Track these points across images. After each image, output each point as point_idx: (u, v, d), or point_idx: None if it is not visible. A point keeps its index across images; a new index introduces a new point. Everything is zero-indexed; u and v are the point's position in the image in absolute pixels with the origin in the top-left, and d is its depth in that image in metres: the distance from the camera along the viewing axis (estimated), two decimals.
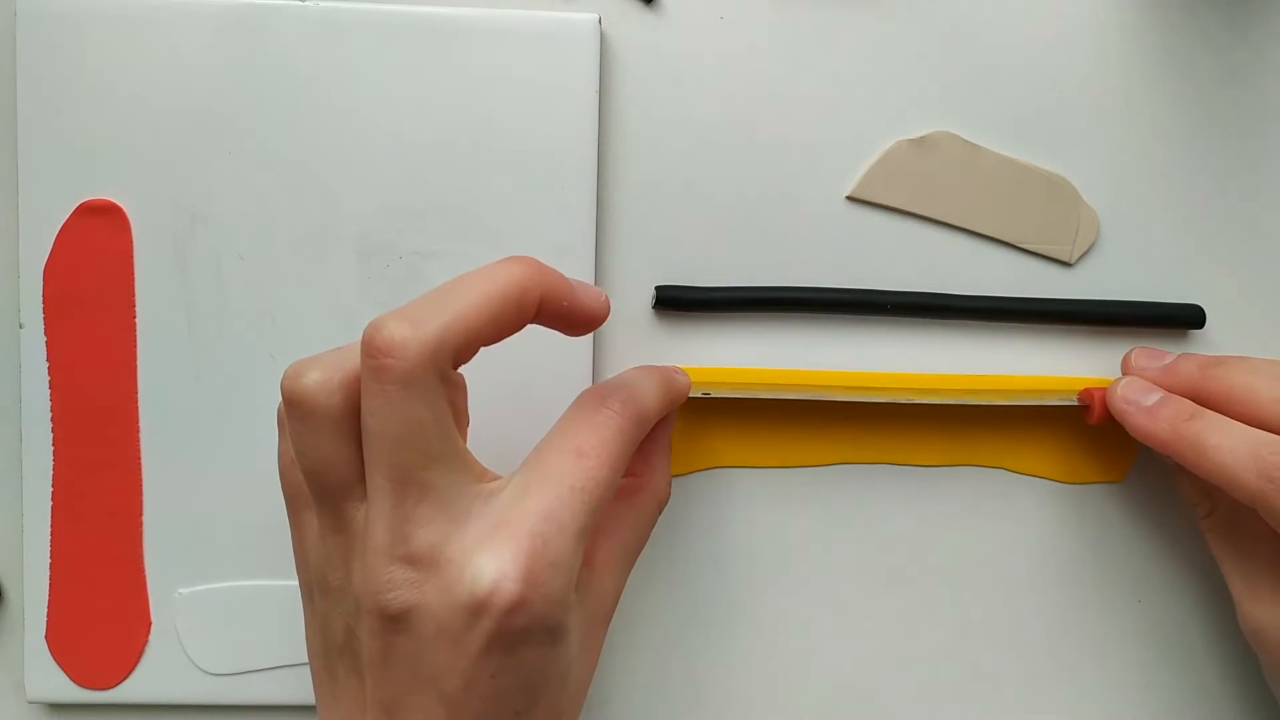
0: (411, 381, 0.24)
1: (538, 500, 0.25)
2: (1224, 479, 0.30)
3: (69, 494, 0.35)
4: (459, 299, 0.25)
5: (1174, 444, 0.31)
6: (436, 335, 0.24)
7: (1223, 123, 0.36)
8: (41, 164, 0.34)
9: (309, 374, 0.25)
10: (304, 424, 0.26)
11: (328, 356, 0.26)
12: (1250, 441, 0.30)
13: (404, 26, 0.34)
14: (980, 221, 0.36)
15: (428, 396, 0.24)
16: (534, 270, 0.27)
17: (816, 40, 0.35)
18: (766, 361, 0.36)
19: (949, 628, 0.37)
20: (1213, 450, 0.30)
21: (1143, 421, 0.32)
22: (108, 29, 0.34)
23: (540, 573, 0.24)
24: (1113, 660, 0.37)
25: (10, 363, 0.35)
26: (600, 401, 0.28)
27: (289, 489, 0.28)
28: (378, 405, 0.24)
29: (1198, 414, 0.32)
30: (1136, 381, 0.33)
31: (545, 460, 0.26)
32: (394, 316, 0.25)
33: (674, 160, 0.35)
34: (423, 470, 0.24)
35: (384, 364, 0.24)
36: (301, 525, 0.28)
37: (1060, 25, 0.36)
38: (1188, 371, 0.33)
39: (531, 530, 0.25)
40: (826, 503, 0.37)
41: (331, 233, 0.34)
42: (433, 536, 0.25)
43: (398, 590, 0.24)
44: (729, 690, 0.37)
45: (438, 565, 0.24)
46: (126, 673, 0.35)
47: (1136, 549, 0.37)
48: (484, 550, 0.24)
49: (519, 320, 0.27)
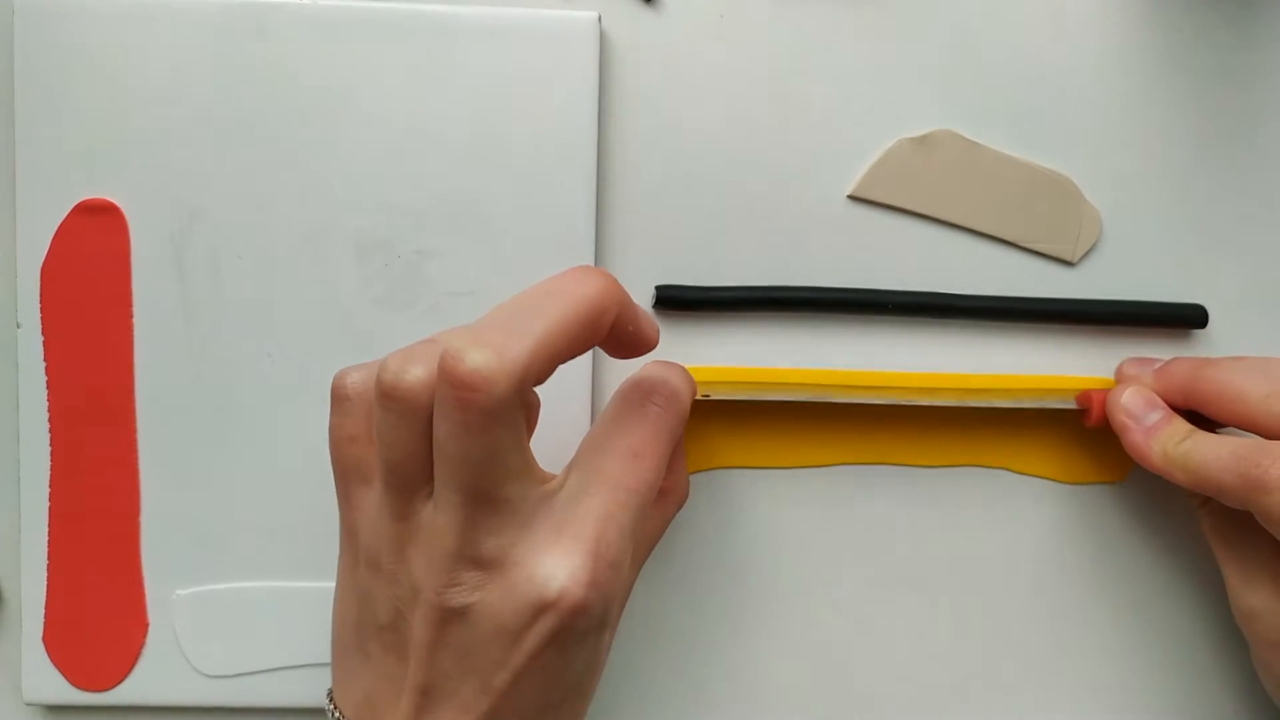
0: (496, 414, 0.24)
1: (598, 502, 0.26)
2: (1213, 490, 0.31)
3: (66, 495, 0.34)
4: (541, 319, 0.25)
5: (1166, 468, 0.32)
6: (523, 364, 0.24)
7: (1225, 121, 0.36)
8: (39, 163, 0.34)
9: (412, 371, 0.25)
10: (398, 417, 0.25)
11: (423, 352, 0.25)
12: (1231, 448, 0.31)
13: (404, 26, 0.34)
14: (982, 221, 0.36)
15: (510, 423, 0.24)
16: (612, 287, 0.26)
17: (817, 40, 0.35)
18: (766, 361, 0.36)
19: (950, 627, 0.37)
20: (1199, 467, 0.31)
21: (1138, 441, 0.33)
22: (105, 28, 0.34)
23: (602, 574, 0.25)
24: (1113, 660, 0.37)
25: (7, 362, 0.35)
26: (647, 397, 0.28)
27: (345, 463, 0.28)
28: (458, 432, 0.24)
29: (1189, 435, 0.32)
30: (1141, 394, 0.34)
31: (601, 461, 0.27)
32: (475, 343, 0.24)
33: (674, 160, 0.35)
34: (497, 488, 0.25)
35: (468, 398, 0.23)
36: (355, 499, 0.28)
37: (1062, 24, 0.36)
38: (1180, 373, 0.34)
39: (595, 534, 0.25)
40: (827, 503, 0.36)
41: (330, 231, 0.34)
42: (502, 540, 0.25)
43: (462, 587, 0.25)
44: (730, 690, 0.37)
45: (504, 566, 0.25)
46: (124, 674, 0.35)
47: (1137, 549, 0.37)
48: (552, 553, 0.25)
49: (596, 339, 0.26)
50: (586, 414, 0.35)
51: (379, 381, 0.25)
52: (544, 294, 0.26)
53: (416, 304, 0.34)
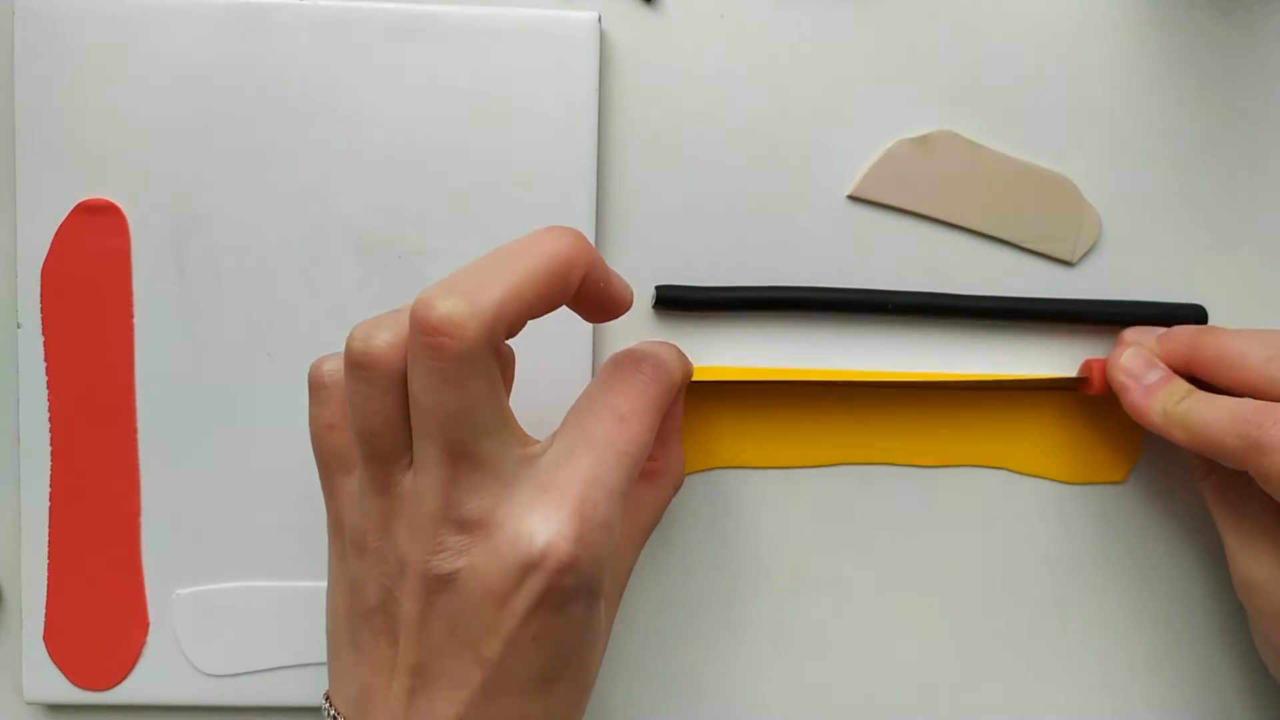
0: (469, 359, 0.24)
1: (584, 463, 0.26)
2: (1212, 450, 0.31)
3: (66, 494, 0.34)
4: (510, 271, 0.25)
5: (1163, 427, 0.32)
6: (493, 312, 0.24)
7: (1225, 121, 0.36)
8: (39, 163, 0.34)
9: (380, 334, 0.25)
10: (370, 385, 0.25)
11: (390, 319, 0.26)
12: (1231, 408, 0.31)
13: (403, 26, 0.34)
14: (981, 221, 0.36)
15: (484, 372, 0.24)
16: (581, 243, 0.26)
17: (817, 40, 0.35)
18: (767, 361, 0.36)
19: (950, 628, 0.37)
20: (1197, 425, 0.31)
21: (1138, 400, 0.33)
22: (105, 28, 0.34)
23: (589, 534, 0.25)
24: (1114, 660, 0.37)
25: (8, 362, 0.35)
26: (634, 366, 0.28)
27: (325, 453, 0.28)
28: (432, 382, 0.24)
29: (1188, 395, 0.32)
30: (1140, 354, 0.34)
31: (587, 423, 0.27)
32: (445, 292, 0.24)
33: (674, 159, 0.35)
34: (475, 443, 0.24)
35: (439, 343, 0.23)
36: (337, 489, 0.28)
37: (1062, 24, 0.36)
38: (1180, 338, 0.34)
39: (581, 493, 0.25)
40: (826, 503, 0.36)
41: (330, 232, 0.34)
42: (484, 501, 0.25)
43: (447, 553, 0.25)
44: (729, 689, 0.37)
45: (488, 528, 0.25)
46: (124, 674, 0.35)
47: (1138, 549, 0.37)
48: (535, 512, 0.25)
49: (565, 295, 0.26)
50: None
51: (347, 352, 0.25)
52: (513, 249, 0.26)
53: None
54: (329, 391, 0.27)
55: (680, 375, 0.30)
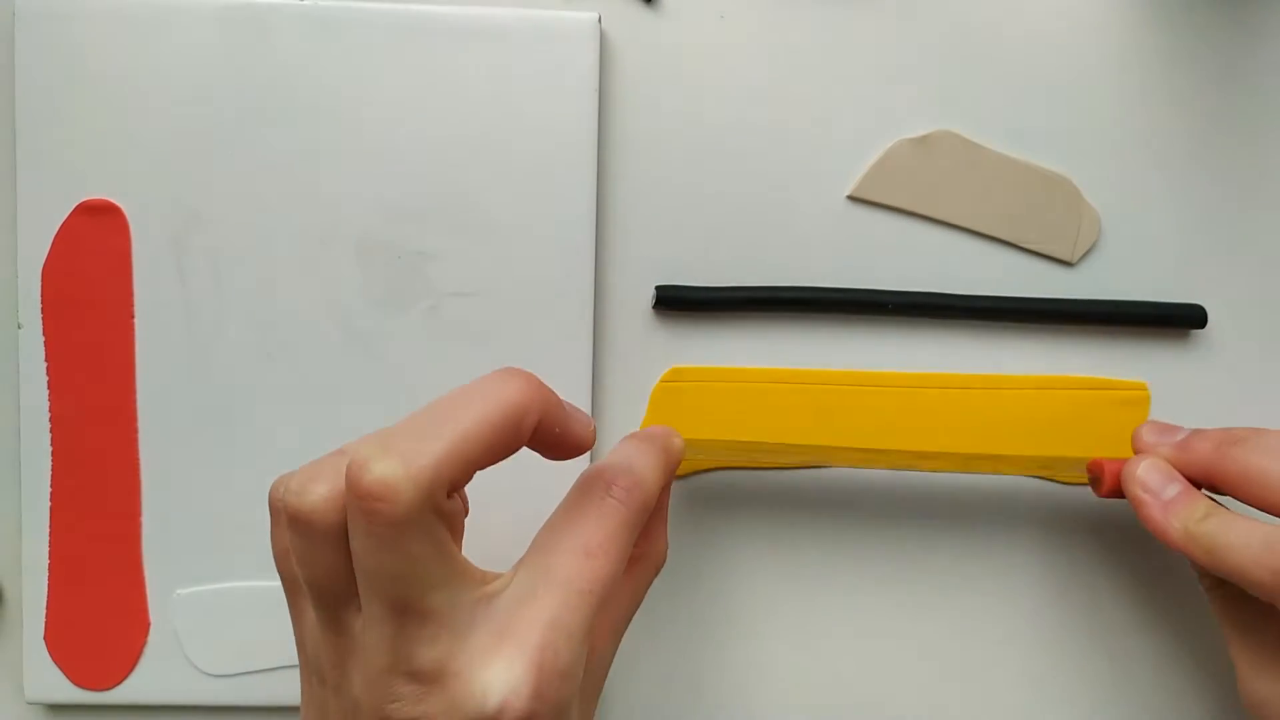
0: (406, 524, 0.23)
1: (545, 606, 0.24)
2: (1238, 579, 0.29)
3: (67, 494, 0.34)
4: (453, 425, 0.24)
5: (1185, 546, 0.31)
6: (430, 473, 0.23)
7: (1224, 122, 0.36)
8: (40, 164, 0.34)
9: (313, 489, 0.24)
10: (307, 540, 0.24)
11: (328, 467, 0.25)
12: (1262, 537, 0.29)
13: (404, 26, 0.34)
14: (981, 221, 0.36)
15: (424, 533, 0.23)
16: (532, 390, 0.25)
17: (816, 40, 0.35)
18: (766, 361, 0.36)
19: (949, 629, 0.37)
20: (1223, 550, 0.29)
21: (1157, 516, 0.31)
22: (106, 29, 0.34)
23: (549, 685, 0.24)
24: (1114, 660, 0.37)
25: (8, 363, 0.35)
26: (605, 490, 0.27)
27: (285, 576, 0.27)
28: (370, 545, 0.23)
29: (1212, 513, 0.31)
30: (1157, 468, 0.32)
31: (551, 560, 0.25)
32: (380, 451, 0.23)
33: (674, 160, 0.35)
34: (421, 598, 0.23)
35: (374, 508, 0.23)
36: (299, 611, 0.27)
37: (1062, 24, 0.36)
38: (1202, 450, 0.32)
39: (540, 641, 0.24)
40: (827, 505, 0.37)
41: (331, 232, 0.34)
42: (436, 652, 0.24)
43: (401, 703, 0.24)
44: (729, 690, 0.37)
45: (443, 679, 0.24)
46: (125, 674, 0.35)
47: (1140, 552, 0.37)
48: (491, 664, 0.23)
49: (516, 443, 0.25)
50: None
51: (284, 504, 0.25)
52: (459, 398, 0.25)
53: (417, 305, 0.34)
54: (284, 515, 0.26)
55: (659, 479, 0.29)
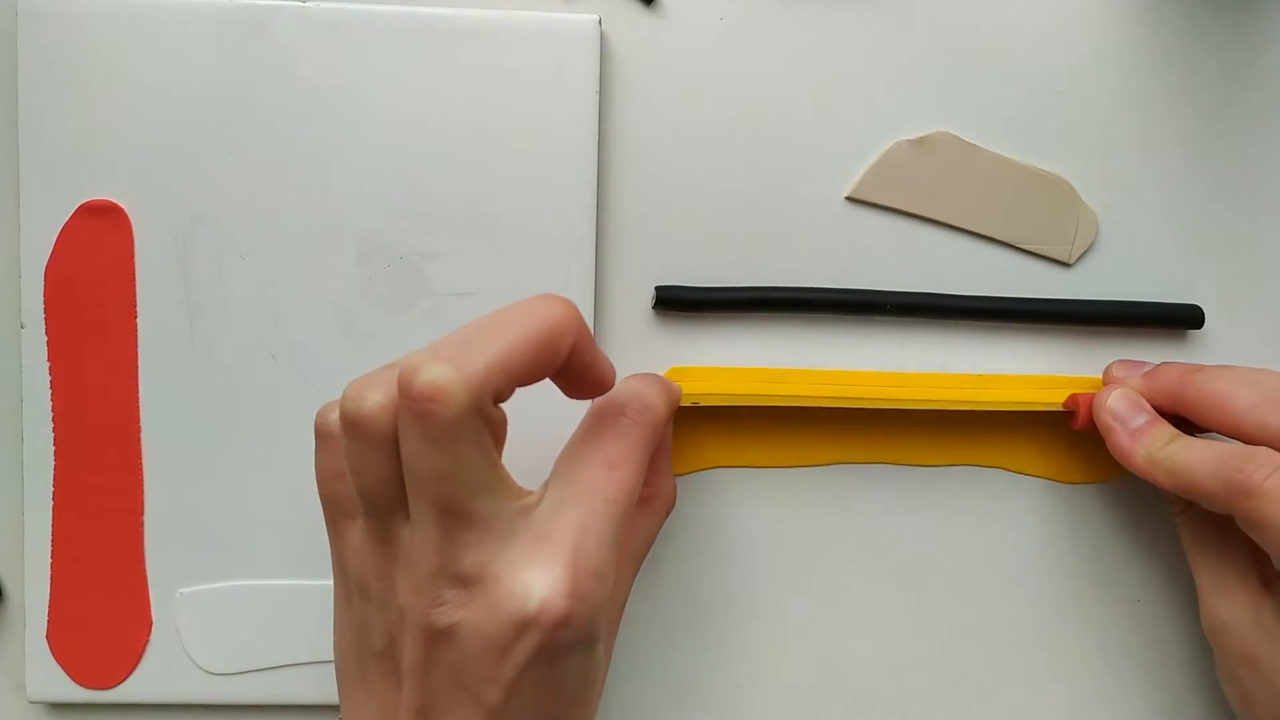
0: (457, 427, 0.24)
1: (575, 514, 0.26)
2: (1195, 494, 0.31)
3: (70, 493, 0.35)
4: (499, 337, 0.25)
5: (1149, 469, 0.33)
6: (480, 378, 0.24)
7: (1222, 123, 0.36)
8: (42, 164, 0.34)
9: (370, 396, 0.25)
10: (364, 444, 0.25)
11: (382, 378, 0.26)
12: (1216, 452, 0.31)
13: (404, 27, 0.34)
14: (979, 222, 0.36)
15: (473, 436, 0.24)
16: (572, 313, 0.27)
17: (816, 40, 0.36)
18: (766, 361, 0.36)
19: (948, 627, 0.37)
20: (1182, 470, 0.31)
21: (1124, 443, 0.33)
22: (108, 29, 0.34)
23: (584, 585, 0.25)
24: (1112, 659, 0.38)
25: (12, 363, 0.35)
26: (619, 411, 0.29)
27: (329, 499, 0.28)
28: (422, 446, 0.24)
29: (1174, 439, 0.33)
30: (1127, 396, 0.34)
31: (577, 473, 0.27)
32: (432, 358, 0.24)
33: (674, 160, 0.36)
34: (468, 501, 0.25)
35: (427, 409, 0.24)
36: (342, 532, 0.28)
37: (1060, 25, 0.36)
38: (1168, 377, 0.34)
39: (574, 544, 0.25)
40: (826, 503, 0.37)
41: (332, 232, 0.34)
42: (480, 556, 0.25)
43: (445, 606, 0.25)
44: (730, 690, 0.37)
45: (485, 582, 0.25)
46: (127, 672, 0.35)
47: (1135, 548, 0.37)
48: (530, 566, 0.25)
49: (554, 363, 0.26)
50: None
51: (341, 412, 0.26)
52: (503, 315, 0.26)
53: (418, 305, 0.35)
54: (333, 440, 0.27)
55: (665, 409, 0.30)
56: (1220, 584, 0.33)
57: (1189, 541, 0.35)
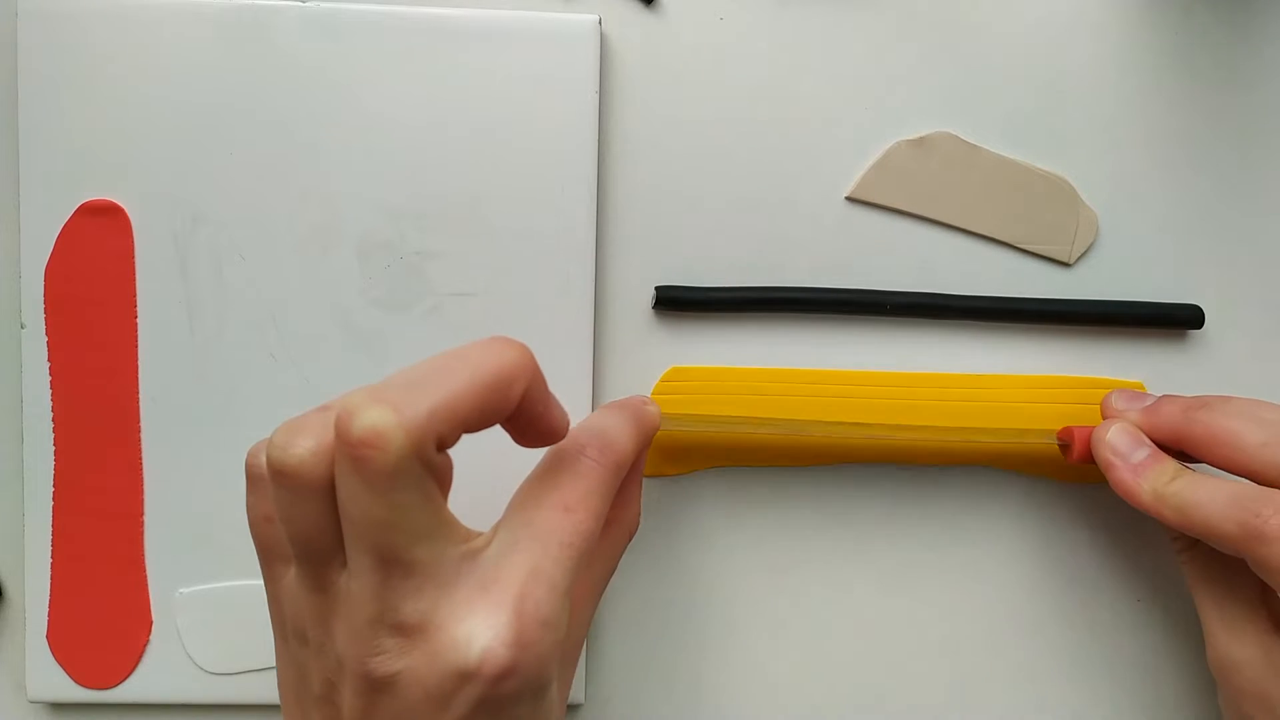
0: (395, 473, 0.23)
1: (525, 557, 0.25)
2: (1206, 534, 0.30)
3: (70, 494, 0.35)
4: (446, 381, 0.24)
5: (1155, 506, 0.32)
6: (422, 423, 0.23)
7: (1222, 123, 0.36)
8: (42, 164, 0.34)
9: (298, 443, 0.24)
10: (292, 494, 0.24)
11: (313, 422, 0.24)
12: (1229, 493, 0.30)
13: (404, 27, 0.34)
14: (979, 222, 0.36)
15: (413, 483, 0.23)
16: (525, 359, 0.25)
17: (816, 40, 0.36)
18: (766, 361, 0.36)
19: (948, 627, 0.37)
20: (1191, 508, 0.30)
21: (1127, 479, 0.32)
22: (108, 29, 0.34)
23: (530, 634, 0.24)
24: (1112, 659, 0.38)
25: (12, 363, 0.35)
26: (579, 451, 0.28)
27: (261, 542, 0.27)
28: (358, 492, 0.23)
29: (1180, 474, 0.32)
30: (1126, 431, 0.33)
31: (531, 516, 0.26)
32: (371, 399, 0.23)
33: (674, 160, 0.36)
34: (407, 549, 0.24)
35: (364, 455, 0.22)
36: (276, 576, 0.27)
37: (1060, 26, 0.36)
38: (1170, 414, 0.33)
39: (521, 592, 0.24)
40: (826, 503, 0.37)
41: (332, 233, 0.34)
42: (420, 605, 0.24)
43: (384, 655, 0.24)
44: (729, 690, 0.37)
45: (426, 632, 0.24)
46: (127, 672, 0.35)
47: (1135, 548, 0.37)
48: (474, 614, 0.24)
49: (504, 409, 0.25)
50: None
51: (269, 460, 0.24)
52: (452, 357, 0.25)
53: (418, 305, 0.35)
54: (264, 483, 0.26)
55: (631, 446, 0.29)
56: (1229, 624, 0.32)
57: (1194, 580, 0.34)
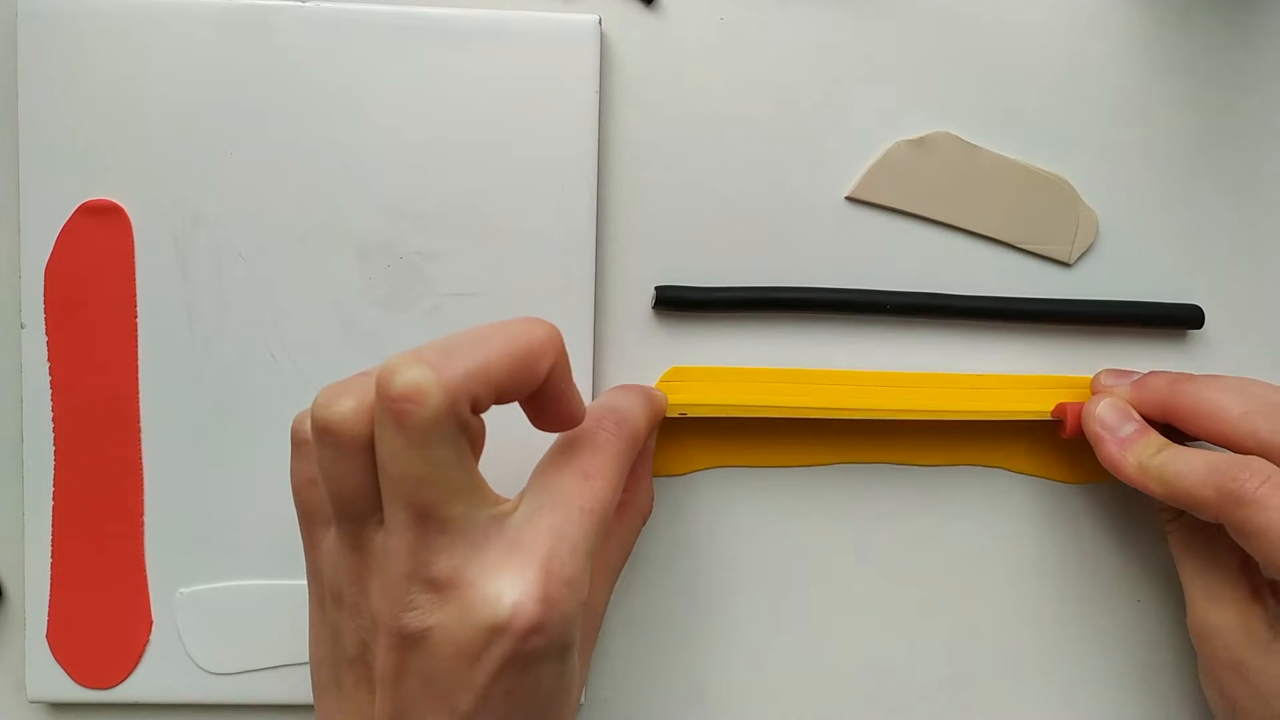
0: (433, 428, 0.24)
1: (550, 521, 0.26)
2: (1187, 503, 0.31)
3: (70, 493, 0.35)
4: (481, 348, 0.25)
5: (1140, 478, 0.32)
6: (459, 383, 0.24)
7: (1222, 123, 0.37)
8: (43, 164, 0.34)
9: (342, 402, 0.25)
10: (335, 451, 0.25)
11: (355, 384, 0.25)
12: (1207, 461, 0.31)
13: (404, 27, 0.34)
14: (979, 222, 0.36)
15: (449, 439, 0.24)
16: (555, 336, 0.27)
17: (816, 40, 0.36)
18: (766, 361, 0.36)
19: (948, 627, 0.37)
20: (1173, 478, 0.31)
21: (1113, 452, 0.33)
22: (108, 29, 0.34)
23: (556, 592, 0.25)
24: (1111, 659, 0.38)
25: (12, 363, 0.35)
26: (596, 424, 0.29)
27: (304, 506, 0.28)
28: (398, 447, 0.24)
29: (1164, 447, 0.33)
30: (1116, 406, 0.34)
31: (553, 482, 0.27)
32: (412, 359, 0.24)
33: (674, 160, 0.36)
34: (442, 506, 0.25)
35: (403, 409, 0.24)
36: (316, 540, 0.28)
37: (1059, 26, 0.36)
38: (1157, 386, 0.34)
39: (548, 551, 0.25)
40: (826, 503, 0.37)
41: (332, 232, 0.34)
42: (453, 561, 0.25)
43: (417, 611, 0.25)
44: (730, 689, 0.37)
45: (458, 588, 0.25)
46: (127, 672, 0.35)
47: (1135, 548, 0.37)
48: (503, 573, 0.25)
49: (532, 382, 0.26)
50: None
51: (312, 419, 0.25)
52: (486, 328, 0.26)
53: (418, 305, 0.35)
54: (307, 447, 0.27)
55: (645, 421, 0.31)
56: (1209, 591, 0.33)
57: (1179, 549, 0.35)
